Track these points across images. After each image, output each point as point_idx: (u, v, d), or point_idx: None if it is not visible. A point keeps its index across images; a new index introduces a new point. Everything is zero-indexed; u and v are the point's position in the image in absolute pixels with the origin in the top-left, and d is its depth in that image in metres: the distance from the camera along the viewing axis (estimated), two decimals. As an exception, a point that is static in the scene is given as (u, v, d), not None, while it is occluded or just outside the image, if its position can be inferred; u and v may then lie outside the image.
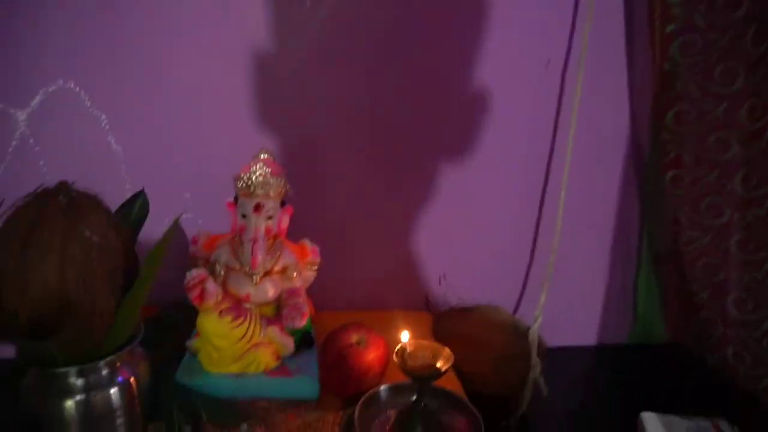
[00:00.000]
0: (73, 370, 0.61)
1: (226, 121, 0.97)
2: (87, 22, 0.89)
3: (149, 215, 0.73)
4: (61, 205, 0.58)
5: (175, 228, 0.60)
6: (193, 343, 0.81)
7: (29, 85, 0.91)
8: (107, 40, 0.91)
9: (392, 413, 0.76)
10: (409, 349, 0.74)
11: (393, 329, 0.80)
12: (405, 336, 0.76)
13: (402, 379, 0.80)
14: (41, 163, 0.94)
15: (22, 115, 0.92)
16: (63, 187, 0.60)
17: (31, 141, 0.93)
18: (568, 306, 1.12)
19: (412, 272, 1.10)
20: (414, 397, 0.74)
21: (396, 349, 0.73)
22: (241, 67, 0.95)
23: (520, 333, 0.95)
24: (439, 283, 1.11)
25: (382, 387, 0.78)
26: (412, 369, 0.71)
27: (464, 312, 1.01)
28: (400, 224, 1.07)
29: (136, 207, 0.76)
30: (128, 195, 0.74)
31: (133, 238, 0.69)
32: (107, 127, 0.94)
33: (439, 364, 0.72)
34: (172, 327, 0.95)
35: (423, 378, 0.70)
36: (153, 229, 0.71)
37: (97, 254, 0.58)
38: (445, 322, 1.03)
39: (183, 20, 0.92)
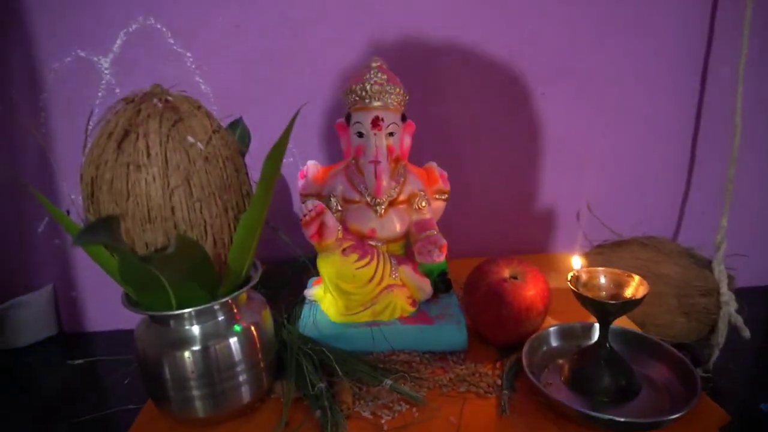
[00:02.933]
0: (187, 313, 0.50)
1: (316, 48, 0.84)
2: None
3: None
4: (157, 108, 0.47)
5: (295, 120, 0.47)
6: (313, 291, 0.69)
7: (109, 27, 0.82)
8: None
9: (564, 363, 0.60)
10: (584, 276, 0.58)
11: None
12: (577, 262, 0.60)
13: (569, 319, 0.65)
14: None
15: (105, 63, 0.83)
16: (158, 89, 0.48)
17: (117, 90, 0.85)
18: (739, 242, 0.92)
19: (546, 207, 0.93)
20: (595, 339, 0.58)
21: (569, 276, 0.57)
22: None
23: (700, 263, 0.77)
24: (577, 219, 0.94)
25: (551, 328, 0.63)
26: (591, 297, 0.55)
27: (619, 246, 0.83)
28: (529, 150, 0.91)
29: (237, 133, 0.65)
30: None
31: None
32: (193, 66, 0.84)
33: (628, 294, 0.56)
34: (281, 285, 0.85)
35: (611, 308, 0.54)
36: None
37: (203, 164, 0.47)
38: (597, 260, 0.85)
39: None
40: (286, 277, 0.87)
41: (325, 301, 0.67)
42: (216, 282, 0.48)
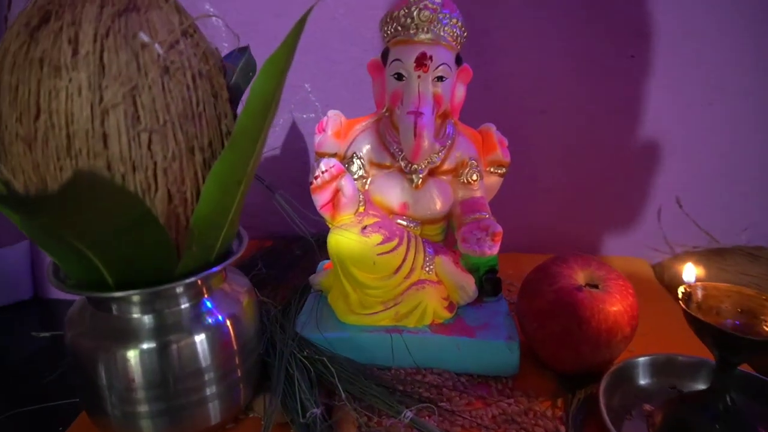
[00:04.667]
0: (134, 296, 0.35)
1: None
2: None
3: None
4: (100, -12, 0.31)
5: (306, 19, 0.31)
6: (320, 278, 0.53)
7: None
8: None
9: (656, 410, 0.43)
10: (699, 294, 0.41)
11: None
12: (690, 272, 0.42)
13: (661, 346, 0.48)
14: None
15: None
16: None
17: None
18: None
19: (621, 199, 0.75)
20: (710, 384, 0.41)
21: (681, 292, 0.40)
22: None
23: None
24: (658, 217, 0.75)
25: (640, 359, 0.46)
26: (718, 326, 0.38)
27: (718, 256, 0.65)
28: (608, 127, 0.72)
29: (240, 65, 0.49)
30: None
31: (235, 96, 0.41)
32: (203, -11, 0.69)
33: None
34: (288, 266, 0.70)
35: (749, 346, 0.37)
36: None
37: (160, 76, 0.31)
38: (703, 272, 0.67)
39: None
40: (295, 255, 0.72)
41: (333, 292, 0.51)
42: (169, 253, 0.33)
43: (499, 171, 0.55)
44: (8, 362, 0.69)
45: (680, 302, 0.39)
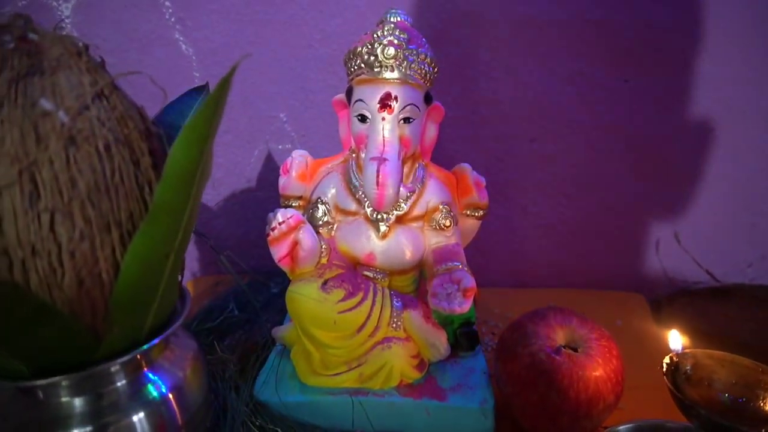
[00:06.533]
0: (61, 381, 0.32)
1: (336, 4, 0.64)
2: None
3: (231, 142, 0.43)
4: (3, 49, 0.28)
5: (237, 67, 0.28)
6: (283, 332, 0.50)
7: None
8: None
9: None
10: (688, 364, 0.37)
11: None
12: (676, 340, 0.38)
13: (646, 407, 0.44)
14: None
15: (66, 9, 0.66)
16: (19, 21, 0.30)
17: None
18: None
19: (614, 229, 0.71)
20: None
21: (665, 365, 0.36)
22: None
23: None
24: (657, 251, 0.71)
25: (621, 428, 0.42)
26: (708, 407, 0.34)
27: (719, 296, 0.60)
28: (600, 153, 0.68)
29: (197, 106, 0.46)
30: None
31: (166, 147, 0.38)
32: (173, 19, 0.66)
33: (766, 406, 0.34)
34: (267, 303, 0.66)
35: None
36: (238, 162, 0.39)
37: (63, 148, 0.28)
38: (681, 312, 0.62)
39: None
40: (271, 294, 0.68)
41: (297, 350, 0.47)
42: (84, 339, 0.30)
43: (476, 214, 0.51)
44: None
45: (665, 377, 0.35)
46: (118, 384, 0.35)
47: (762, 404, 0.35)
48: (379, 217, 0.47)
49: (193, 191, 0.30)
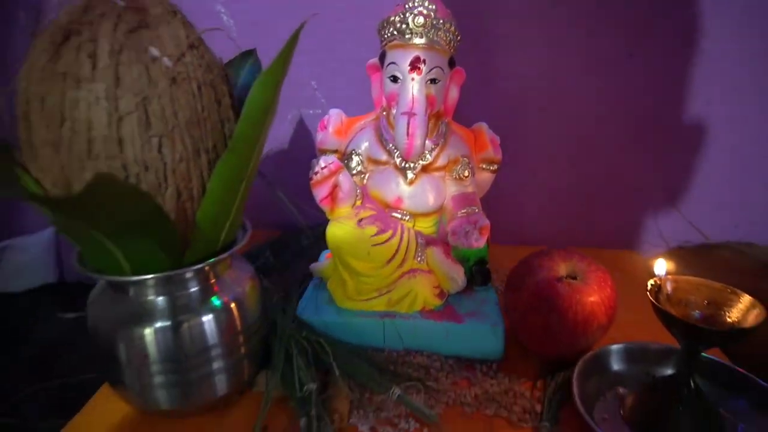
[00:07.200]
0: (149, 280, 0.39)
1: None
2: None
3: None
4: (116, 6, 0.35)
5: (300, 31, 0.35)
6: (321, 267, 0.57)
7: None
8: None
9: (627, 393, 0.46)
10: (669, 287, 0.44)
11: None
12: (661, 266, 0.45)
13: (636, 334, 0.51)
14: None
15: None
16: (122, -15, 0.36)
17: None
18: None
19: (617, 194, 0.77)
20: (675, 369, 0.44)
21: (649, 286, 0.43)
22: None
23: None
24: (654, 213, 0.77)
25: (613, 347, 0.49)
26: (684, 318, 0.41)
27: (706, 251, 0.67)
28: (607, 123, 0.74)
29: (245, 68, 0.52)
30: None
31: (243, 97, 0.45)
32: (216, -8, 0.73)
33: (733, 317, 0.41)
34: (295, 256, 0.74)
35: (711, 337, 0.40)
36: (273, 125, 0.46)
37: (169, 86, 0.35)
38: (674, 265, 0.69)
39: None
40: (300, 245, 0.76)
41: (333, 280, 0.55)
42: (177, 243, 0.37)
43: (491, 168, 0.58)
44: (34, 340, 0.75)
45: (648, 294, 0.42)
46: (192, 290, 0.43)
47: (727, 317, 0.42)
48: (406, 165, 0.54)
49: (265, 126, 0.37)
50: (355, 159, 0.55)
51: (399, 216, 0.54)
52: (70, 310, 0.80)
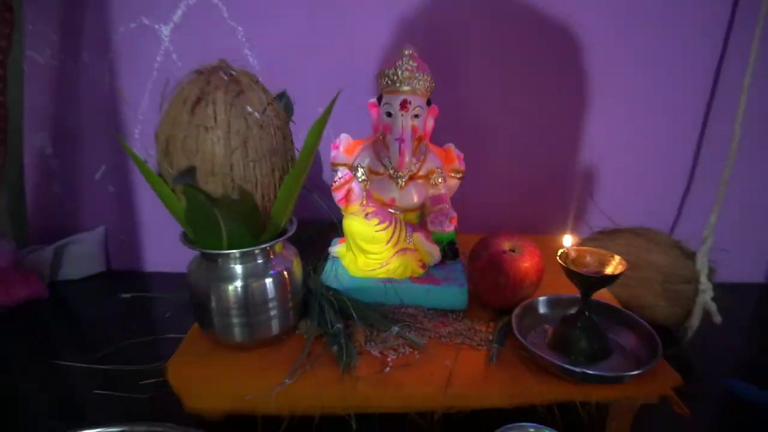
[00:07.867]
0: (233, 253, 0.60)
1: (363, 28, 0.92)
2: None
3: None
4: (223, 80, 0.56)
5: (335, 101, 0.56)
6: (336, 248, 0.79)
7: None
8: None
9: (549, 327, 0.69)
10: (573, 254, 0.67)
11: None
12: (568, 240, 0.68)
13: (559, 291, 0.74)
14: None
15: (165, 30, 0.93)
16: (223, 64, 0.58)
17: (174, 56, 0.94)
18: (731, 238, 0.98)
19: (557, 193, 1.02)
20: (577, 308, 0.67)
21: (559, 253, 0.66)
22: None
23: (686, 254, 0.85)
24: (581, 207, 1.02)
25: (540, 298, 0.72)
26: (577, 271, 0.64)
27: (616, 234, 0.91)
28: (545, 137, 0.98)
29: (281, 104, 0.74)
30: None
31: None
32: (243, 39, 0.93)
33: (609, 271, 0.65)
34: (309, 242, 0.95)
35: (592, 281, 0.63)
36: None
37: (258, 130, 0.56)
38: (593, 245, 0.93)
39: None
40: (314, 235, 0.97)
41: (346, 257, 0.76)
42: (260, 230, 0.58)
43: (458, 176, 0.81)
44: (93, 317, 0.93)
45: (558, 259, 0.65)
46: (258, 261, 0.63)
47: (606, 271, 0.64)
48: (398, 175, 0.76)
49: (311, 156, 0.59)
50: (360, 170, 0.77)
51: (393, 211, 0.76)
52: (117, 293, 0.98)
